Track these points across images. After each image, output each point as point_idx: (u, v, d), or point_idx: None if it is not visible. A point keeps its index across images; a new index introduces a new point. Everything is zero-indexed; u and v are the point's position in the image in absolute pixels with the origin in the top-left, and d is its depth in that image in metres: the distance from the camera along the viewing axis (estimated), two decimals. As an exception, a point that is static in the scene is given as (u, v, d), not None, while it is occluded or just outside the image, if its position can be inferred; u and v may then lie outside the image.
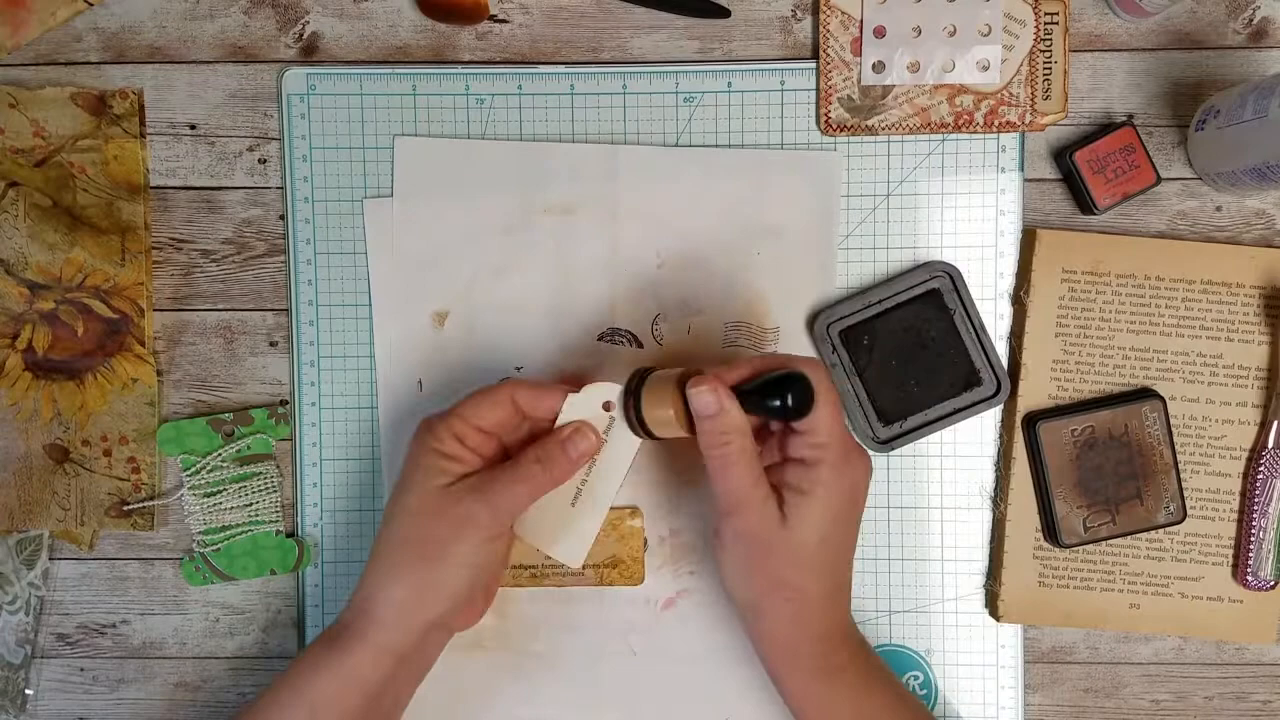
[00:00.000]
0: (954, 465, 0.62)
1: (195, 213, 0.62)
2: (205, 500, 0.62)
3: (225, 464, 0.62)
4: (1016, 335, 0.61)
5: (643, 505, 0.61)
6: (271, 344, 0.63)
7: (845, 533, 0.52)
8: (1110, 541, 0.60)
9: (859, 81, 0.60)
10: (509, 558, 0.58)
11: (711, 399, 0.49)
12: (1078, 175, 0.59)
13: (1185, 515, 0.59)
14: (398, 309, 0.62)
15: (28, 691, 0.64)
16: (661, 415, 0.51)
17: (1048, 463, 0.59)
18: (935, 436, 0.61)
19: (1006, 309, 0.61)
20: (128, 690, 0.64)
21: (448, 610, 0.53)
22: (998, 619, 0.61)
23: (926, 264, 0.60)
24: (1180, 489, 0.59)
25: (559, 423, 0.54)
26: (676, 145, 0.61)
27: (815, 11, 0.61)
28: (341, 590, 0.63)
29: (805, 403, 0.49)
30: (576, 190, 0.61)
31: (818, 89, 0.60)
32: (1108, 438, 0.59)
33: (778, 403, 0.49)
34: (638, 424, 0.52)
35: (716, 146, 0.61)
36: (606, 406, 0.54)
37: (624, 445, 0.54)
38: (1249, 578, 0.59)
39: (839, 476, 0.50)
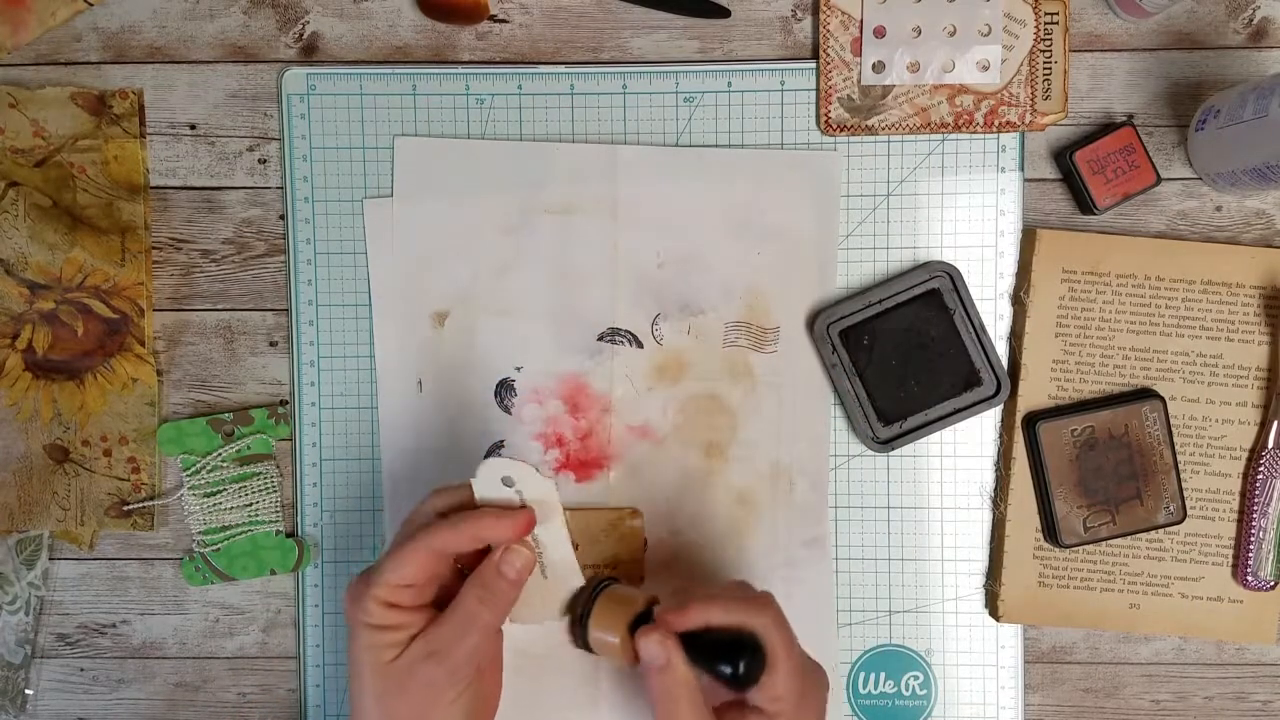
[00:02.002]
0: (954, 465, 0.62)
1: (195, 213, 0.62)
2: (205, 500, 0.62)
3: (225, 464, 0.62)
4: (1016, 335, 0.61)
5: (643, 507, 0.61)
6: (271, 344, 0.63)
7: None
8: (1110, 541, 0.60)
9: (859, 81, 0.60)
10: (499, 684, 0.55)
11: (659, 651, 0.47)
12: (1078, 175, 0.59)
13: (1185, 515, 0.59)
14: (398, 309, 0.62)
15: (28, 691, 0.64)
16: (606, 642, 0.50)
17: (1048, 463, 0.59)
18: (935, 436, 0.61)
19: (1006, 309, 0.61)
20: (128, 690, 0.64)
21: None
22: (998, 619, 0.61)
23: (926, 264, 0.60)
24: (1180, 489, 0.59)
25: (477, 495, 0.50)
26: (676, 145, 0.61)
27: (815, 11, 0.61)
28: (341, 590, 0.63)
29: (756, 672, 0.48)
30: (576, 190, 0.61)
31: (818, 89, 0.60)
32: (1108, 438, 0.59)
33: (728, 670, 0.48)
34: (582, 641, 0.51)
35: (716, 146, 0.61)
36: (506, 482, 0.49)
37: (547, 501, 0.50)
38: (1249, 578, 0.59)
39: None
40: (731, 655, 0.48)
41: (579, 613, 0.51)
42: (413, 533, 0.49)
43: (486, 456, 0.62)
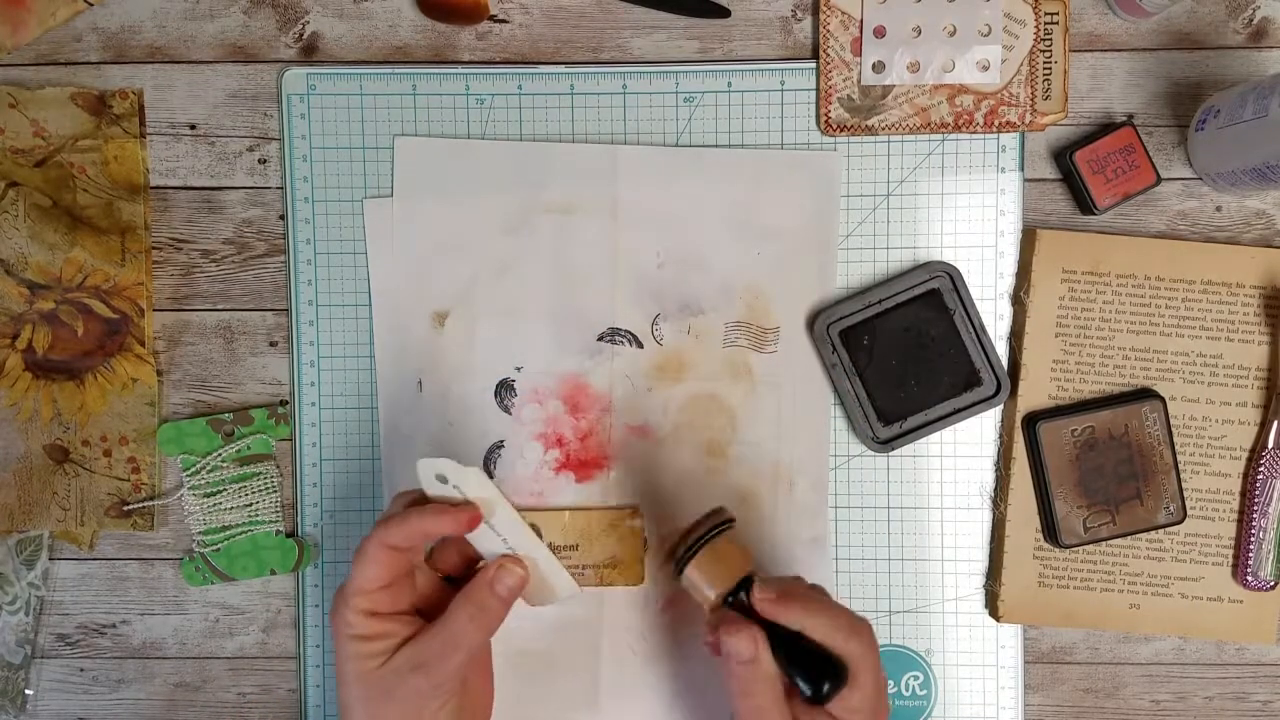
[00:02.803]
0: (954, 465, 0.62)
1: (195, 213, 0.62)
2: (205, 500, 0.62)
3: (225, 464, 0.62)
4: (1016, 335, 0.61)
5: (643, 506, 0.61)
6: (271, 344, 0.63)
7: None
8: (1110, 542, 0.60)
9: (859, 81, 0.60)
10: (490, 688, 0.55)
11: (748, 647, 0.48)
12: (1078, 175, 0.59)
13: (1185, 515, 0.59)
14: (398, 309, 0.62)
15: (28, 691, 0.64)
16: (700, 590, 0.50)
17: (1048, 463, 0.59)
18: (935, 436, 0.61)
19: (1006, 309, 0.61)
20: (128, 690, 0.64)
21: None
22: (998, 619, 0.61)
23: (926, 264, 0.60)
24: (1180, 489, 0.59)
25: (429, 494, 0.50)
26: (676, 145, 0.61)
27: (815, 11, 0.61)
28: (341, 590, 0.63)
29: (833, 693, 0.48)
30: (576, 190, 0.61)
31: (818, 89, 0.60)
32: (1108, 438, 0.59)
33: (809, 688, 0.48)
34: (678, 571, 0.51)
35: (716, 146, 0.61)
36: (441, 479, 0.49)
37: (485, 495, 0.50)
38: (1249, 578, 0.59)
39: None
40: (816, 672, 0.48)
41: (690, 542, 0.51)
42: (368, 535, 0.50)
43: (485, 460, 0.62)
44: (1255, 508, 0.59)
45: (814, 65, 0.61)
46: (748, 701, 0.48)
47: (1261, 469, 0.59)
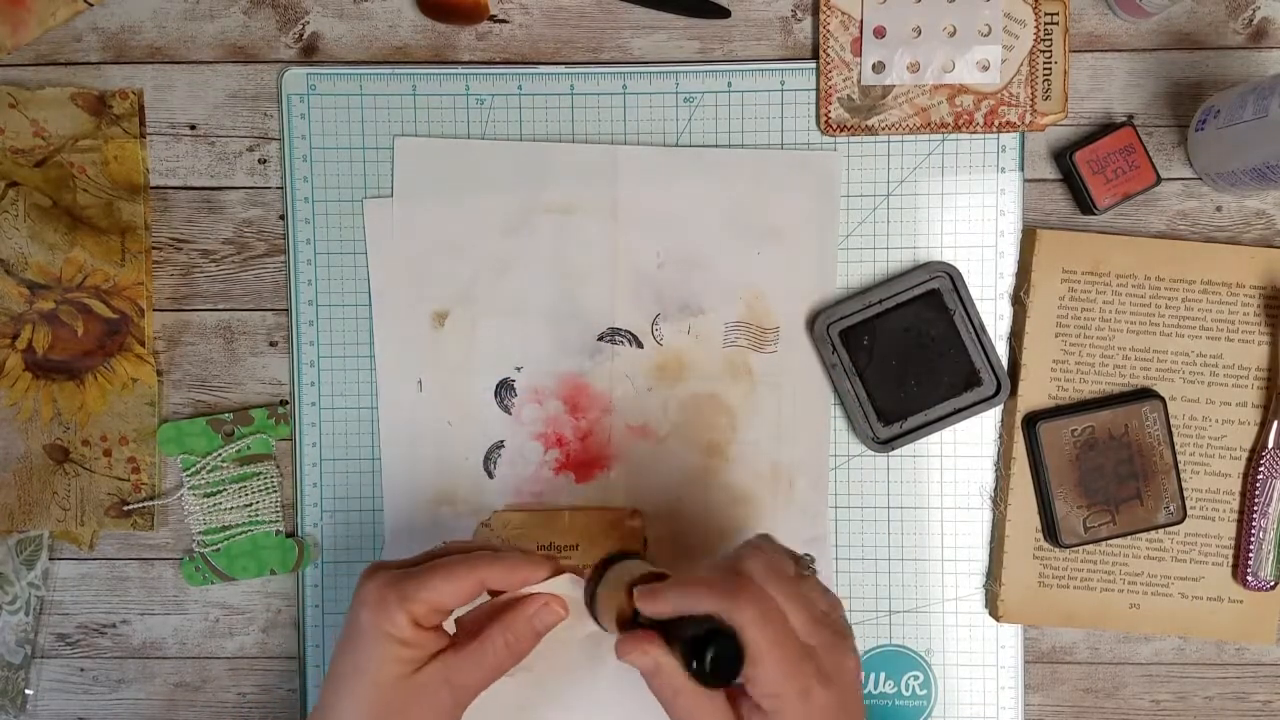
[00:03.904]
0: (954, 465, 0.62)
1: (195, 213, 0.62)
2: (205, 500, 0.62)
3: (225, 464, 0.62)
4: (1016, 335, 0.61)
5: (643, 507, 0.61)
6: (271, 344, 0.63)
7: None
8: (1110, 541, 0.60)
9: (859, 81, 0.60)
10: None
11: (641, 660, 0.47)
12: (1078, 175, 0.59)
13: (1185, 515, 0.59)
14: (398, 309, 0.62)
15: (28, 691, 0.64)
16: (609, 630, 0.50)
17: (1048, 463, 0.59)
18: (935, 436, 0.61)
19: (1006, 309, 0.61)
20: (128, 690, 0.64)
21: None
22: (998, 619, 0.61)
23: (926, 264, 0.60)
24: (1180, 489, 0.59)
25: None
26: (677, 145, 0.61)
27: (815, 11, 0.61)
28: (342, 590, 0.63)
29: (727, 668, 0.45)
30: (576, 190, 0.61)
31: (818, 89, 0.61)
32: (1108, 438, 0.59)
33: (695, 665, 0.45)
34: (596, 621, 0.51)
35: (717, 146, 0.61)
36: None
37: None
38: (1249, 578, 0.59)
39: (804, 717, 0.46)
40: (698, 653, 0.45)
41: (587, 597, 0.51)
42: (461, 558, 0.49)
43: (485, 460, 0.62)
44: (1255, 508, 0.59)
45: (814, 65, 0.61)
46: (677, 710, 0.47)
47: (1261, 469, 0.59)
